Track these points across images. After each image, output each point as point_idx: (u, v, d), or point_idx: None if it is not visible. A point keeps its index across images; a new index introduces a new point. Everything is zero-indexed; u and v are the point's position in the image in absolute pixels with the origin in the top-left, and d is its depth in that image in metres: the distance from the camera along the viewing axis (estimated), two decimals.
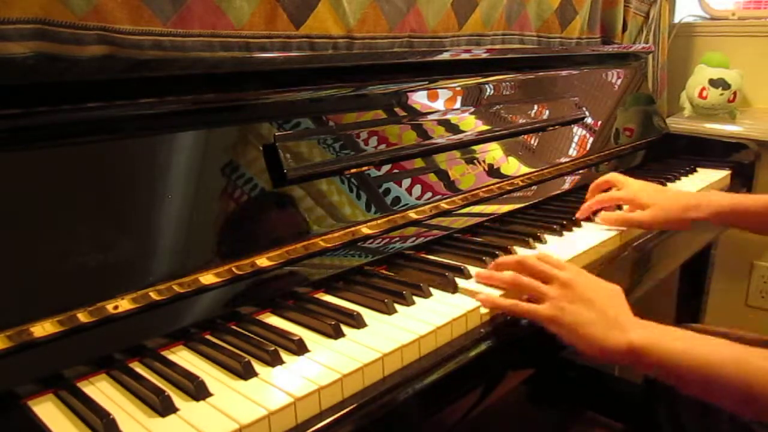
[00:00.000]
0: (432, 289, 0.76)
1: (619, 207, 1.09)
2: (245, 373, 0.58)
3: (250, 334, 0.66)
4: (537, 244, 0.92)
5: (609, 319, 0.70)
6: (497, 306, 0.75)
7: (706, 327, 0.99)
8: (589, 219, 1.04)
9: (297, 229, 0.79)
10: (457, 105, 1.09)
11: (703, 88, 1.66)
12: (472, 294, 0.75)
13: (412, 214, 0.92)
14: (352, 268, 0.82)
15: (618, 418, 1.55)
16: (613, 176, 1.08)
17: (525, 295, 0.76)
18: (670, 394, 0.94)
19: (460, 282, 0.78)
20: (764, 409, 0.62)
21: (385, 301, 0.71)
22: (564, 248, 0.90)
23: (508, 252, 0.87)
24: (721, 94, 1.64)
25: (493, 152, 1.10)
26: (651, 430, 0.98)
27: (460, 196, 1.00)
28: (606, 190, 1.09)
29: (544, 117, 1.23)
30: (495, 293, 0.75)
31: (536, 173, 1.16)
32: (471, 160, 1.05)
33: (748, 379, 0.61)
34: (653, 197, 1.01)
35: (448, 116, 1.05)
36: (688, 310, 1.59)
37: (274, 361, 0.60)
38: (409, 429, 0.64)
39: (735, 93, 1.65)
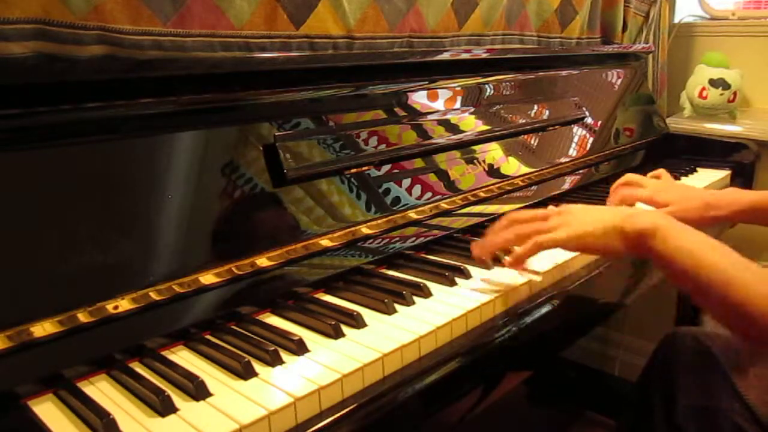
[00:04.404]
0: (432, 289, 0.76)
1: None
2: (245, 373, 0.58)
3: (250, 334, 0.66)
4: None
5: (618, 211, 0.77)
6: (520, 255, 0.78)
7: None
8: None
9: (297, 229, 0.79)
10: (457, 105, 1.09)
11: (703, 88, 1.66)
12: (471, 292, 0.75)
13: (412, 214, 0.92)
14: (352, 268, 0.82)
15: (617, 418, 1.54)
16: (630, 177, 1.07)
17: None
18: (667, 394, 0.94)
19: (460, 282, 0.79)
20: (762, 333, 0.64)
21: (385, 301, 0.71)
22: None
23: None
24: (721, 94, 1.64)
25: (493, 152, 1.10)
26: (648, 429, 0.98)
27: (460, 196, 1.00)
28: None
29: (544, 117, 1.23)
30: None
31: (536, 173, 1.16)
32: (471, 160, 1.05)
33: (738, 296, 0.64)
34: (671, 196, 1.01)
35: (448, 116, 1.05)
36: (688, 313, 1.59)
37: (274, 361, 0.60)
38: (409, 429, 0.64)
39: (735, 93, 1.65)
